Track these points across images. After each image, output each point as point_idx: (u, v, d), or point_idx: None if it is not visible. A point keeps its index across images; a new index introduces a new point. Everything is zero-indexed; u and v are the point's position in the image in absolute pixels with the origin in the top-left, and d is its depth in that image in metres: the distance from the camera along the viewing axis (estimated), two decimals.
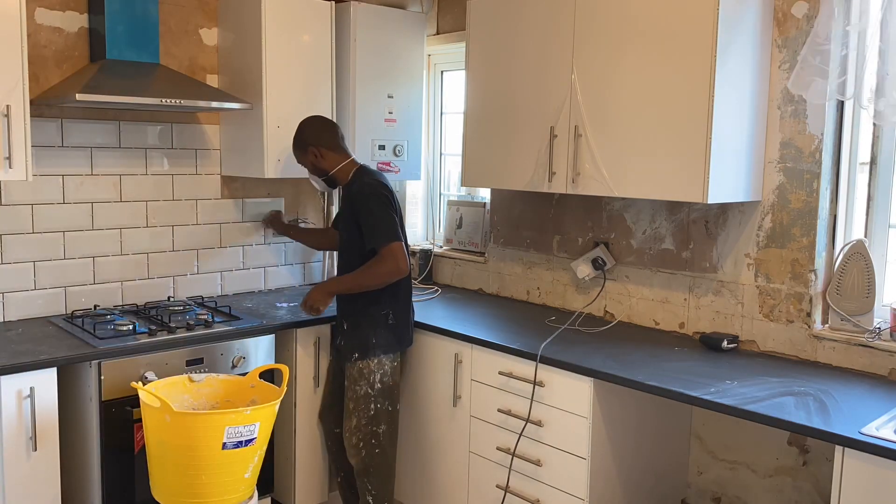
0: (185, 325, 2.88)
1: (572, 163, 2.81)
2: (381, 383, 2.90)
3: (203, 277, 3.51)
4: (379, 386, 2.90)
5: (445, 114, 4.05)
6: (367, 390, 2.90)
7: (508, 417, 2.76)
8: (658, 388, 2.33)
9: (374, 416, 2.91)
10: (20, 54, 2.56)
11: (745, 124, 2.59)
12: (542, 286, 3.46)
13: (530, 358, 2.66)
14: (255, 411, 2.42)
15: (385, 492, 2.97)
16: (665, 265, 3.01)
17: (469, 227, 3.83)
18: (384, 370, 2.91)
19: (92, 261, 3.18)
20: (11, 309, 2.99)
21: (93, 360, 2.59)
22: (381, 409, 2.91)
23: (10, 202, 2.95)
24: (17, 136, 2.58)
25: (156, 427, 2.41)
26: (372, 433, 2.91)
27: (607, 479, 2.61)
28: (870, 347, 2.48)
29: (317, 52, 3.38)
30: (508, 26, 3.03)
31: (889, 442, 1.88)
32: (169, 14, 3.26)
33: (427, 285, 3.85)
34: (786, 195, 2.65)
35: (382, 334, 2.91)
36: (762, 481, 2.77)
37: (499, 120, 3.09)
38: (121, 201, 3.23)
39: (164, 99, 2.83)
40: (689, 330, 2.94)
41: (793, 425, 2.06)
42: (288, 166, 3.31)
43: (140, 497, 2.69)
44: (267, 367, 2.80)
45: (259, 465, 2.53)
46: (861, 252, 2.53)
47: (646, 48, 2.58)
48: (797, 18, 2.58)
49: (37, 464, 2.49)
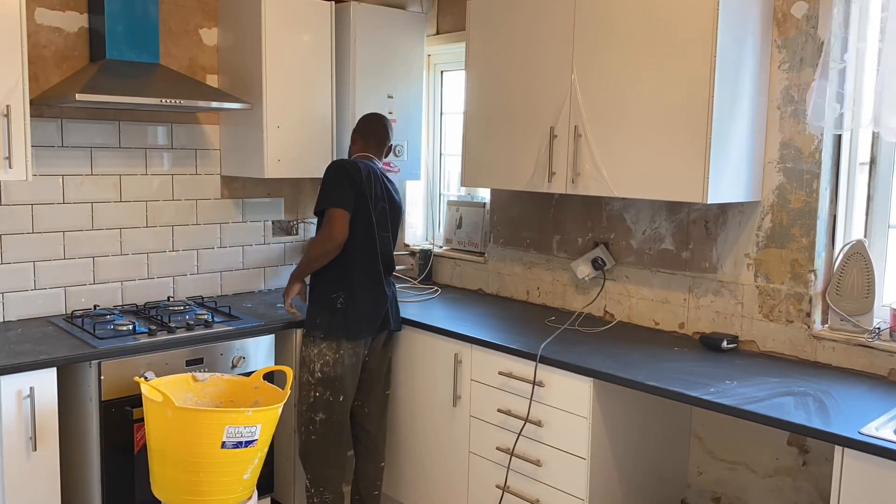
0: (184, 325, 2.88)
1: (572, 163, 2.81)
2: (321, 373, 2.91)
3: (203, 277, 3.52)
4: (319, 375, 2.91)
5: (445, 114, 4.05)
6: (308, 378, 2.95)
7: (508, 417, 2.76)
8: (658, 388, 2.33)
9: (313, 403, 2.93)
10: (20, 54, 2.57)
11: (744, 124, 2.59)
12: (541, 286, 3.46)
13: (530, 358, 2.66)
14: (256, 413, 2.42)
15: (320, 477, 2.98)
16: (665, 265, 3.01)
17: (469, 227, 3.83)
18: (324, 359, 2.91)
19: (92, 261, 3.18)
20: (11, 309, 2.99)
21: (93, 360, 2.59)
22: (319, 397, 2.92)
23: (10, 202, 2.96)
24: (17, 136, 2.58)
25: (157, 422, 2.41)
26: (309, 419, 2.95)
27: (607, 479, 2.61)
28: (869, 347, 2.48)
29: (317, 52, 3.38)
30: (508, 26, 3.03)
31: (889, 442, 1.88)
32: (169, 14, 3.26)
33: (427, 285, 3.85)
34: (785, 195, 2.65)
35: (326, 317, 2.91)
36: (762, 481, 2.78)
37: (499, 120, 3.09)
38: (121, 201, 3.24)
39: (164, 99, 2.83)
40: (689, 330, 2.94)
41: (793, 425, 2.06)
42: (288, 166, 3.31)
43: (140, 497, 2.69)
44: (271, 369, 2.80)
45: (259, 466, 2.53)
46: (861, 252, 2.53)
47: (646, 48, 2.58)
48: (797, 18, 2.58)
49: (37, 464, 2.49)
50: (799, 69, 2.59)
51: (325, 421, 2.95)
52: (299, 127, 3.32)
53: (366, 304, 2.95)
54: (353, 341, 2.94)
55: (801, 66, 2.58)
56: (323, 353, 2.91)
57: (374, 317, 2.99)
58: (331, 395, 2.93)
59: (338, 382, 2.93)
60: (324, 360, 2.91)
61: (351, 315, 2.92)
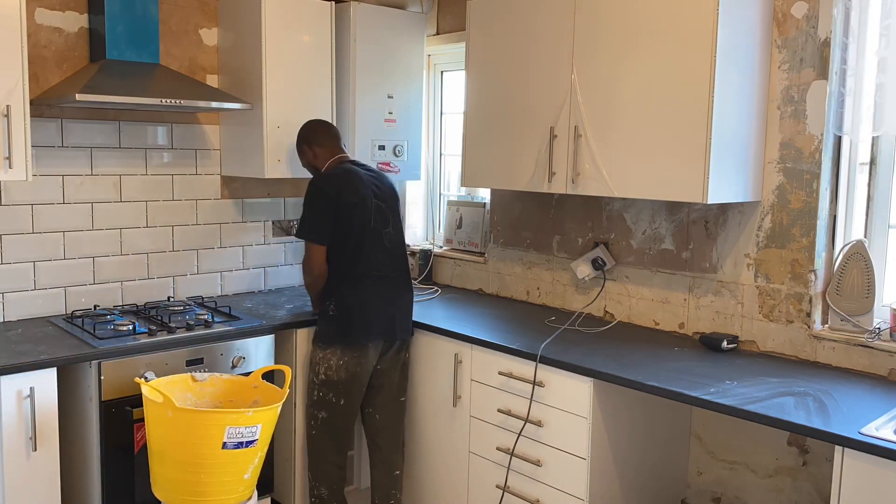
0: (184, 325, 2.88)
1: (572, 163, 2.81)
2: (324, 375, 2.92)
3: (203, 277, 3.51)
4: (323, 377, 2.93)
5: (445, 114, 4.05)
6: (312, 378, 2.98)
7: (508, 417, 2.76)
8: (658, 388, 2.33)
9: (317, 401, 2.96)
10: (20, 54, 2.57)
11: (744, 124, 2.59)
12: (542, 286, 3.46)
13: (530, 358, 2.66)
14: (257, 413, 2.42)
15: (316, 472, 3.02)
16: (665, 265, 3.01)
17: (469, 227, 3.83)
18: (328, 364, 2.91)
19: (92, 261, 3.18)
20: (11, 309, 2.99)
21: (93, 360, 2.59)
22: (322, 397, 2.94)
23: (10, 202, 2.95)
24: (17, 136, 2.58)
25: (157, 423, 2.41)
26: (312, 415, 2.99)
27: (607, 479, 2.61)
28: (869, 347, 2.48)
29: (317, 52, 3.38)
30: (508, 26, 3.03)
31: (889, 442, 1.89)
32: (169, 14, 3.26)
33: (427, 285, 3.85)
34: (785, 195, 2.65)
35: (322, 326, 2.97)
36: (762, 481, 2.78)
37: (499, 120, 3.09)
38: (121, 201, 3.23)
39: (164, 99, 2.83)
40: (689, 330, 2.94)
41: (793, 425, 2.06)
42: (288, 166, 3.31)
43: (140, 497, 2.69)
44: (270, 368, 2.80)
45: (259, 466, 2.53)
46: (861, 252, 2.53)
47: (646, 48, 2.59)
48: (797, 18, 2.58)
49: (37, 464, 2.49)
50: (799, 69, 2.59)
51: (325, 420, 2.97)
52: (299, 127, 3.31)
53: (361, 309, 2.90)
54: (353, 347, 2.90)
55: (801, 66, 2.58)
56: (327, 357, 2.92)
57: (371, 322, 2.91)
58: (333, 397, 2.94)
59: (340, 386, 2.92)
60: (327, 364, 2.92)
61: (345, 322, 2.90)
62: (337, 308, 2.91)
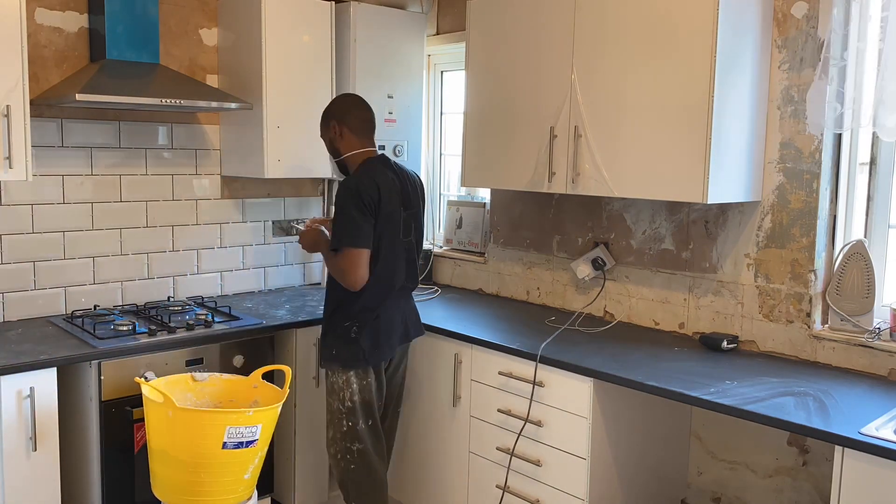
0: (184, 325, 2.88)
1: (572, 163, 2.81)
2: (351, 402, 2.73)
3: (203, 277, 3.51)
4: (349, 404, 2.73)
5: (445, 114, 4.05)
6: (338, 407, 2.76)
7: (508, 417, 2.76)
8: (658, 388, 2.33)
9: (347, 432, 2.75)
10: (20, 54, 2.57)
11: (744, 124, 2.59)
12: (542, 286, 3.46)
13: (530, 358, 2.66)
14: (257, 413, 2.42)
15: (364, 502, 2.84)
16: (665, 265, 3.01)
17: (469, 227, 3.83)
18: (352, 388, 2.72)
19: (92, 261, 3.18)
20: (11, 309, 2.99)
21: (93, 360, 2.59)
22: (353, 426, 2.74)
23: (10, 202, 2.95)
24: (17, 136, 2.58)
25: (158, 423, 2.41)
26: (346, 449, 2.76)
27: (607, 479, 2.61)
28: (869, 348, 2.48)
29: (317, 52, 3.38)
30: (508, 26, 3.03)
31: (889, 442, 1.88)
32: (169, 14, 3.26)
33: (427, 285, 3.85)
34: (785, 195, 2.65)
35: (341, 348, 2.72)
36: (762, 481, 2.78)
37: (499, 120, 3.09)
38: (121, 201, 3.23)
39: (164, 99, 2.83)
40: (689, 330, 2.94)
41: (793, 425, 2.06)
42: (288, 166, 3.31)
43: (140, 497, 2.69)
44: (270, 368, 2.80)
45: (259, 466, 2.53)
46: (861, 252, 2.53)
47: (646, 48, 2.58)
48: (797, 19, 2.58)
49: (37, 464, 2.49)
50: (799, 69, 2.59)
51: (361, 451, 2.77)
52: (299, 127, 3.32)
53: (381, 331, 2.74)
54: (375, 366, 2.77)
55: (801, 66, 2.58)
56: (350, 381, 2.72)
57: (391, 339, 2.78)
58: (362, 422, 2.75)
59: (369, 408, 2.77)
60: (351, 389, 2.72)
61: (368, 344, 2.71)
62: (360, 330, 2.70)
